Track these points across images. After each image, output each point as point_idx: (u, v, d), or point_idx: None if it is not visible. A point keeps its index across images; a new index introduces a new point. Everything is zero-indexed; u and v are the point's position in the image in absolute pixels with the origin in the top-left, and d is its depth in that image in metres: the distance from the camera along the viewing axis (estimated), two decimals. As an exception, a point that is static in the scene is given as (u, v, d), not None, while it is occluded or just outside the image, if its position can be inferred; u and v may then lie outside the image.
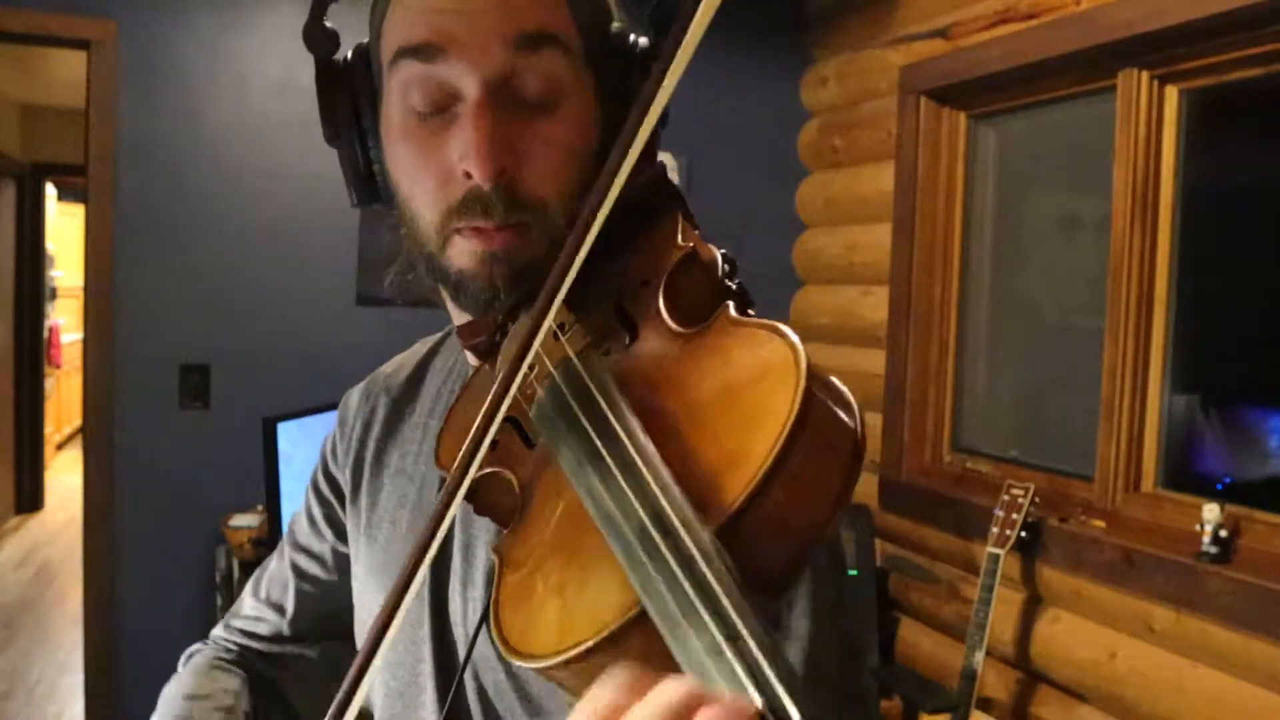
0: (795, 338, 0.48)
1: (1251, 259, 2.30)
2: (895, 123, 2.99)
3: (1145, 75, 2.28)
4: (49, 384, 6.85)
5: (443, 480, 0.75)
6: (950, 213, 2.93)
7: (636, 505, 0.45)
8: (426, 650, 0.75)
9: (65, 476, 6.80)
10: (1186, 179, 2.27)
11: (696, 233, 0.61)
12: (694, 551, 0.41)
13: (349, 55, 0.73)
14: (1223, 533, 2.03)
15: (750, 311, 0.57)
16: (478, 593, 0.72)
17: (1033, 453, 2.71)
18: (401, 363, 0.92)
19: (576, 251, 0.53)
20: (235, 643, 0.95)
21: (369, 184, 0.73)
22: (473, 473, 0.53)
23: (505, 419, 0.56)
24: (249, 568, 2.64)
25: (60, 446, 7.68)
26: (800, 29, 3.51)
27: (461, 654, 0.73)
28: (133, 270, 2.96)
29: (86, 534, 2.98)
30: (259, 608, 0.95)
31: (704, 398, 0.51)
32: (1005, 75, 2.60)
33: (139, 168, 2.94)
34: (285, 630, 0.94)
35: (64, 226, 7.83)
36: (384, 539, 0.81)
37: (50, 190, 6.83)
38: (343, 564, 0.90)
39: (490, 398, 0.53)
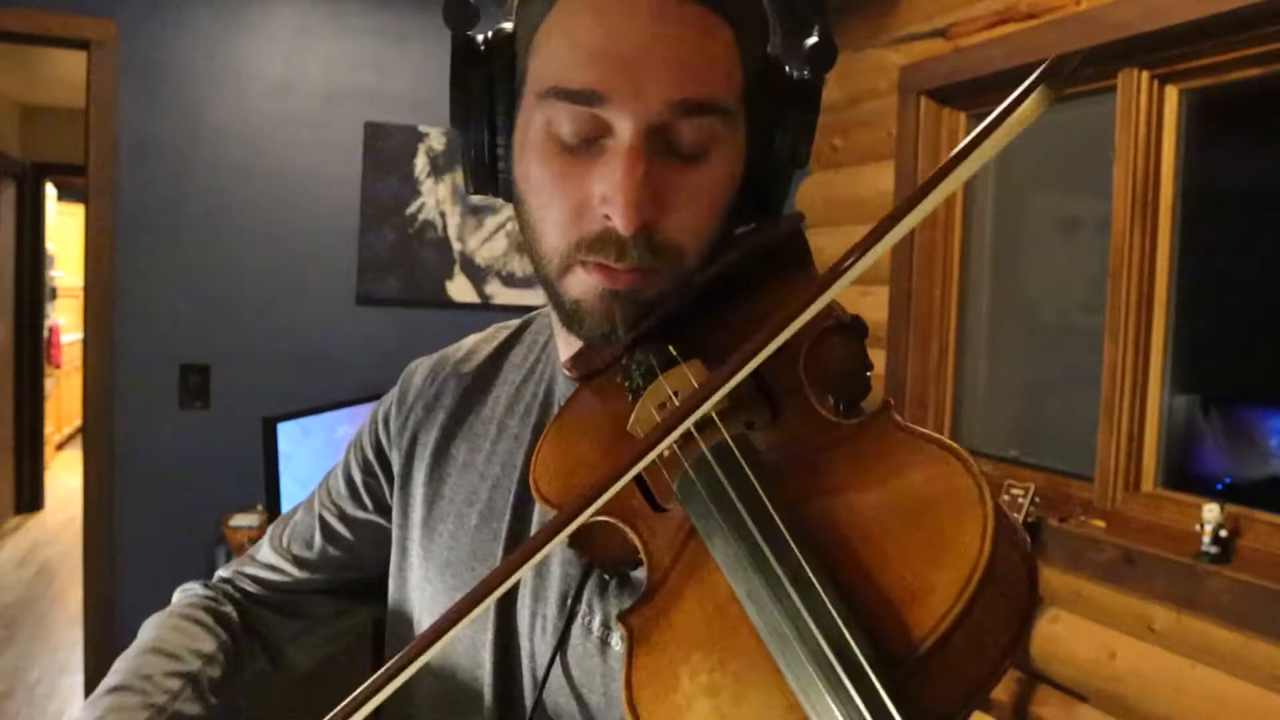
0: (973, 461, 0.45)
1: (1251, 259, 2.30)
2: (895, 123, 2.99)
3: (1145, 75, 2.28)
4: (49, 384, 6.84)
5: (521, 494, 0.74)
6: (950, 213, 2.93)
7: (817, 634, 0.42)
8: (487, 655, 0.73)
9: (65, 476, 6.79)
10: (1186, 179, 2.27)
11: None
12: (885, 699, 0.39)
13: (489, 35, 0.67)
14: (1223, 533, 2.03)
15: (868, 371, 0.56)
16: (549, 611, 0.70)
17: (1033, 453, 2.71)
18: (473, 349, 0.87)
19: (764, 346, 0.50)
20: (243, 590, 0.92)
21: (490, 176, 0.69)
22: (584, 519, 0.51)
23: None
24: (249, 568, 2.64)
25: (60, 446, 7.67)
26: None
27: (524, 664, 0.71)
28: (133, 270, 2.96)
29: (86, 534, 2.98)
30: (277, 559, 0.91)
31: (870, 510, 0.47)
32: (1005, 75, 2.60)
33: (139, 168, 2.95)
34: (300, 584, 0.91)
35: (64, 226, 7.83)
36: (449, 533, 0.78)
37: (50, 190, 6.82)
38: (376, 535, 0.87)
39: (630, 458, 0.50)
